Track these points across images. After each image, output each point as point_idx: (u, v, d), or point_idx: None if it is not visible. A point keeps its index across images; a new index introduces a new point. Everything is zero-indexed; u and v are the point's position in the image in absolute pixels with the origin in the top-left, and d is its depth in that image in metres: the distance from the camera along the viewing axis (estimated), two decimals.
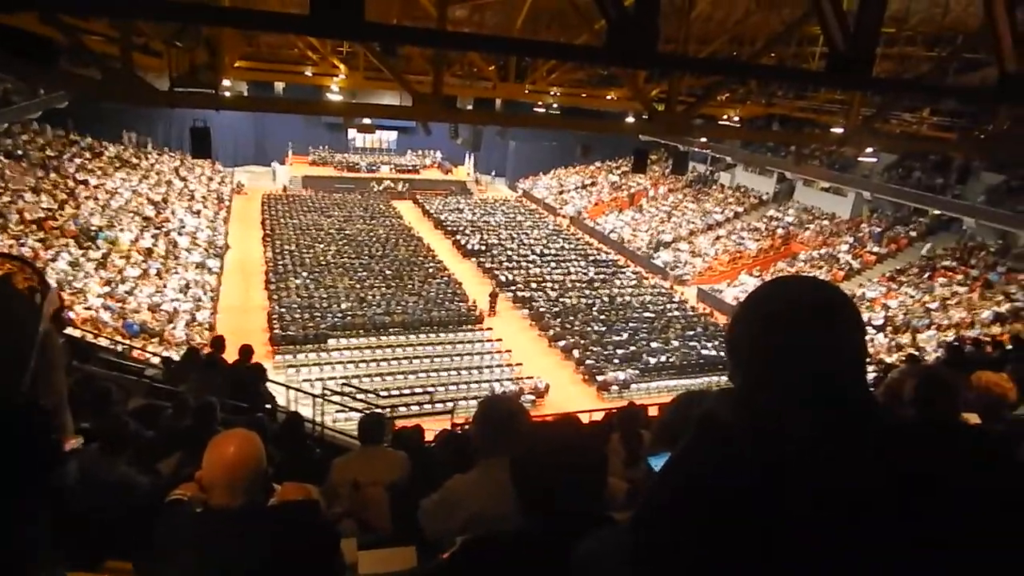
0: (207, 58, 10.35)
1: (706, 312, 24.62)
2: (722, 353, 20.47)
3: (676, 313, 24.01)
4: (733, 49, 17.35)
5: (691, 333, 21.99)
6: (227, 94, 11.73)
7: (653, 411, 5.94)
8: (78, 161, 26.89)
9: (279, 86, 29.21)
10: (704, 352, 20.63)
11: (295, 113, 37.06)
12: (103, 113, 29.97)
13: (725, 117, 20.51)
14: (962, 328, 20.06)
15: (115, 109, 29.92)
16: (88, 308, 16.46)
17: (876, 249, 27.26)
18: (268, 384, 8.66)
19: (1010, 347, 9.00)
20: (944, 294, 22.69)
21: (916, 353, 15.59)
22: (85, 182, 25.12)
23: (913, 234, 27.37)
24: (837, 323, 0.98)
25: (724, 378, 19.55)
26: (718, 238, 31.88)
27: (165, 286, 20.05)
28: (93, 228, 21.39)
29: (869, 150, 18.04)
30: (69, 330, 11.71)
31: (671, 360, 20.01)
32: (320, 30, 5.00)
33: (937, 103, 18.34)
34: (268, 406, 7.88)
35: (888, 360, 17.38)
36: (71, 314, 14.77)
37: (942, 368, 5.53)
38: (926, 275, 24.27)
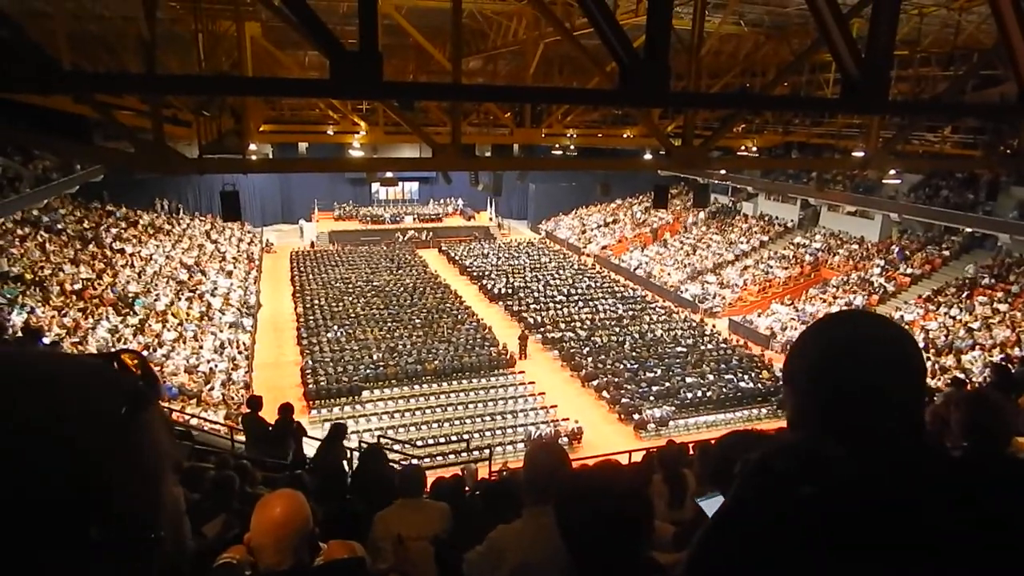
0: (233, 124, 10.77)
1: (740, 344, 24.28)
2: (759, 385, 20.12)
3: (709, 346, 23.71)
4: (746, 81, 17.53)
5: (726, 366, 21.65)
6: (253, 157, 12.09)
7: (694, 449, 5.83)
8: (114, 231, 27.80)
9: (302, 146, 30.25)
10: (742, 385, 20.25)
11: (319, 171, 38.24)
12: (136, 183, 31.10)
13: (743, 148, 20.56)
14: (1007, 347, 19.47)
15: (147, 179, 31.09)
16: None
17: (910, 270, 26.74)
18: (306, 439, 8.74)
19: None
20: (985, 312, 22.10)
21: (961, 376, 15.13)
22: (122, 251, 25.91)
23: (947, 253, 26.85)
24: (891, 360, 0.97)
25: (764, 411, 19.18)
26: (746, 268, 31.60)
27: (201, 347, 20.40)
28: (130, 295, 21.97)
29: (892, 172, 17.90)
30: None
31: (708, 395, 19.64)
32: (342, 92, 5.20)
33: (958, 121, 18.19)
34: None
35: (932, 384, 16.88)
36: None
37: (990, 392, 5.37)
38: (964, 294, 23.69)
